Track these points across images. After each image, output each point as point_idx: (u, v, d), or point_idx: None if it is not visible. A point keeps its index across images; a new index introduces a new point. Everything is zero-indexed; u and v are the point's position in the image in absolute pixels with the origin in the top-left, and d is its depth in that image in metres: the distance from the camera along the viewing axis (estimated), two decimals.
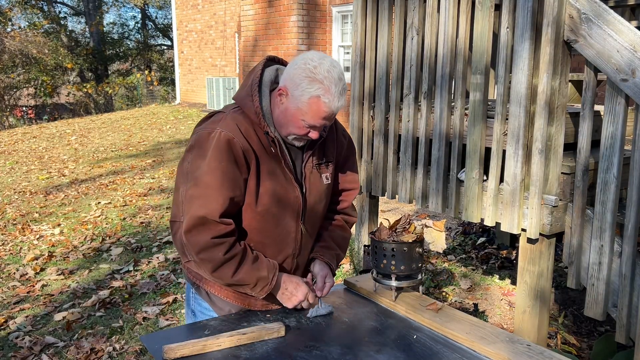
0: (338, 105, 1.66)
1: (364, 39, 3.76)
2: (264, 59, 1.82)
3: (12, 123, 20.00)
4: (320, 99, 1.64)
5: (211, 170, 1.65)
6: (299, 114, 1.67)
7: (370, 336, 1.70)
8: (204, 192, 1.65)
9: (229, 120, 1.71)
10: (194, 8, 15.90)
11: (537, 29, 2.71)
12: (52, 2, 26.71)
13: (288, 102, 1.68)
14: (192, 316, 1.96)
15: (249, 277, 1.72)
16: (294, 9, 9.36)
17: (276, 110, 1.74)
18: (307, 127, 1.70)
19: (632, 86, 2.38)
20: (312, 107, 1.65)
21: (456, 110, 3.17)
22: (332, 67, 1.66)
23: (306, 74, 1.64)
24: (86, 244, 5.61)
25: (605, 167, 2.53)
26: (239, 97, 1.77)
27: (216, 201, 1.65)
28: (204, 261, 1.68)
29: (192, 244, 1.67)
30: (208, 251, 1.66)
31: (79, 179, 8.84)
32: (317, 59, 1.66)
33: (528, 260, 2.90)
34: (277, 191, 1.76)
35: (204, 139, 1.70)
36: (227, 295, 1.86)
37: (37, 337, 3.63)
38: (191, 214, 1.65)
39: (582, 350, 3.24)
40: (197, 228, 1.65)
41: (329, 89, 1.63)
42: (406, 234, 1.88)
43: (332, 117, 1.70)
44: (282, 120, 1.72)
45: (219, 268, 1.69)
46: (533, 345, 1.62)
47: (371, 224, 4.04)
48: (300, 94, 1.65)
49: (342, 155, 1.98)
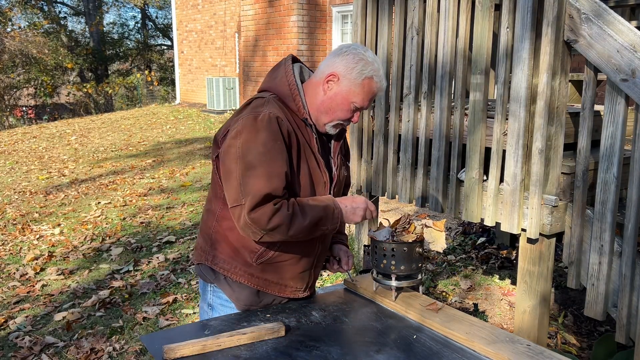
0: (384, 87, 1.85)
1: (364, 39, 3.76)
2: (289, 56, 1.93)
3: (12, 123, 20.00)
4: (374, 79, 1.80)
5: (267, 150, 1.70)
6: (350, 95, 1.80)
7: (370, 336, 1.70)
8: (265, 171, 1.69)
9: (272, 103, 1.79)
10: (194, 8, 15.90)
11: (537, 29, 2.71)
12: (52, 2, 26.71)
13: (339, 86, 1.80)
14: (209, 310, 1.95)
15: (317, 212, 1.75)
16: (294, 9, 9.36)
17: (319, 98, 1.83)
18: (354, 110, 1.83)
19: (632, 86, 2.38)
20: (365, 87, 1.79)
21: (456, 110, 3.17)
22: (374, 55, 1.85)
23: (359, 58, 1.78)
24: (86, 244, 5.61)
25: (605, 167, 2.53)
26: (272, 86, 1.85)
27: (278, 177, 1.70)
28: (274, 229, 1.70)
29: (258, 219, 1.68)
30: (274, 217, 1.68)
31: (79, 179, 8.84)
32: (362, 47, 1.84)
33: (528, 260, 2.90)
34: (310, 177, 1.83)
35: (252, 123, 1.73)
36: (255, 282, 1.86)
37: (37, 337, 3.63)
38: (254, 193, 1.68)
39: (582, 350, 3.24)
40: (260, 204, 1.68)
41: (378, 70, 1.81)
42: (406, 234, 1.88)
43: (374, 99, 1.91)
44: (328, 106, 1.82)
45: (291, 224, 1.71)
46: (533, 345, 1.62)
47: (371, 224, 4.04)
48: (355, 76, 1.78)
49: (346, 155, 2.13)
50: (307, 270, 1.93)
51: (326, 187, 1.87)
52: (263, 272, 1.86)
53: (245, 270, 1.86)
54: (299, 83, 1.85)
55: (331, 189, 1.90)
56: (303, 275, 1.92)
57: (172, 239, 5.51)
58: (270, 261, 1.84)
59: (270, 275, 1.87)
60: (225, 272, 1.87)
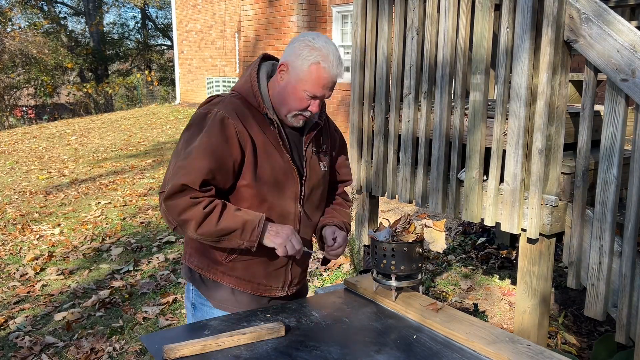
0: (337, 72, 1.76)
1: (364, 39, 3.76)
2: (261, 55, 1.91)
3: (12, 123, 19.99)
4: (320, 65, 1.73)
5: (200, 144, 1.72)
6: (300, 84, 1.75)
7: (370, 336, 1.70)
8: (189, 163, 1.71)
9: (226, 102, 1.79)
10: (194, 8, 15.90)
11: (537, 29, 2.71)
12: (52, 2, 26.71)
13: (289, 75, 1.77)
14: (192, 309, 1.97)
15: (235, 223, 1.72)
16: (294, 9, 9.35)
17: (276, 89, 1.82)
18: (308, 98, 1.78)
19: (632, 86, 2.38)
20: (312, 74, 1.74)
21: (456, 110, 3.17)
22: (328, 40, 1.79)
23: (305, 44, 1.75)
24: (86, 244, 5.61)
25: (605, 167, 2.53)
26: (237, 85, 1.86)
27: (199, 171, 1.70)
28: (186, 221, 1.70)
29: (172, 208, 1.70)
30: (188, 210, 1.69)
31: (79, 179, 8.84)
32: (314, 34, 1.79)
33: (528, 260, 2.90)
34: (276, 172, 1.81)
35: (200, 119, 1.77)
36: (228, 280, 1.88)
37: (37, 337, 3.63)
38: (173, 183, 1.70)
39: (582, 350, 3.24)
40: (177, 194, 1.69)
41: (327, 55, 1.74)
42: (406, 234, 1.88)
43: (331, 86, 1.78)
44: (283, 96, 1.80)
45: (202, 222, 1.70)
46: (533, 345, 1.62)
47: (371, 224, 4.04)
48: (301, 63, 1.74)
49: (335, 148, 2.07)
50: (282, 268, 1.92)
51: (296, 182, 1.85)
52: (234, 270, 1.87)
53: (217, 269, 1.88)
54: (262, 79, 1.84)
55: (302, 184, 1.87)
56: (277, 273, 1.91)
57: (172, 239, 5.51)
58: (240, 259, 1.86)
59: (242, 273, 1.88)
60: (199, 270, 1.90)
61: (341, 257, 4.77)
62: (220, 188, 1.77)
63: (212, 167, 1.71)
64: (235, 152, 1.74)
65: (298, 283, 2.01)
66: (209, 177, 1.71)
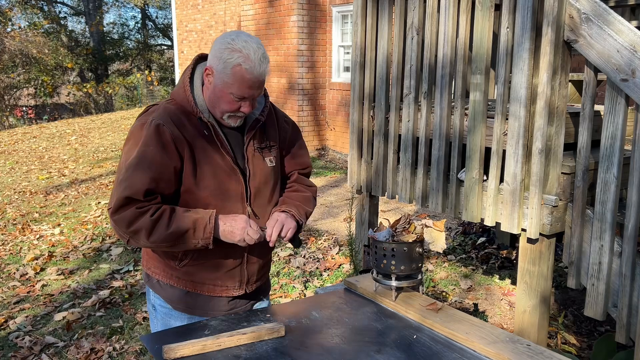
0: (260, 71, 1.73)
1: (364, 39, 3.76)
2: (196, 57, 1.90)
3: (12, 123, 19.98)
4: (242, 66, 1.70)
5: (138, 155, 1.71)
6: (226, 87, 1.74)
7: (370, 336, 1.70)
8: (130, 176, 1.70)
9: (161, 110, 1.79)
10: (194, 8, 15.89)
11: (537, 29, 2.71)
12: (52, 2, 26.69)
13: (215, 79, 1.76)
14: (154, 311, 1.99)
15: (185, 223, 1.72)
16: (294, 9, 9.35)
17: (207, 93, 1.80)
18: (237, 100, 1.76)
19: (632, 86, 2.38)
20: (236, 76, 1.71)
21: (456, 110, 3.17)
22: (249, 37, 1.74)
23: (225, 47, 1.72)
24: (86, 243, 5.61)
25: (605, 167, 2.53)
26: (173, 91, 1.86)
27: (140, 181, 1.69)
28: (136, 232, 1.70)
29: (120, 222, 1.70)
30: (136, 221, 1.69)
31: (79, 179, 8.84)
32: (234, 34, 1.75)
33: (528, 260, 2.90)
34: (217, 174, 1.80)
35: (137, 131, 1.77)
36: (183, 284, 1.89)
37: (37, 337, 3.63)
38: (117, 197, 1.70)
39: (582, 350, 3.24)
40: (122, 207, 1.69)
41: (248, 56, 1.70)
42: (406, 234, 1.88)
43: (258, 85, 1.76)
44: (213, 100, 1.79)
45: (152, 230, 1.69)
46: (533, 345, 1.62)
47: (371, 224, 4.04)
48: (223, 66, 1.72)
49: (287, 140, 2.04)
50: (236, 268, 1.92)
51: (240, 182, 1.84)
52: (188, 274, 1.88)
53: (172, 273, 1.89)
54: (196, 83, 1.83)
55: (247, 183, 1.86)
56: (232, 273, 1.91)
57: None
58: (192, 263, 1.86)
59: (196, 277, 1.88)
60: (156, 276, 1.92)
61: (341, 257, 4.78)
62: (167, 195, 1.77)
63: (153, 177, 1.71)
64: (175, 158, 1.74)
65: (257, 280, 2.00)
66: (152, 186, 1.71)
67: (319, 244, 5.24)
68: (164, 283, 1.92)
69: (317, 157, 9.65)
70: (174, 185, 1.77)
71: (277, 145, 1.98)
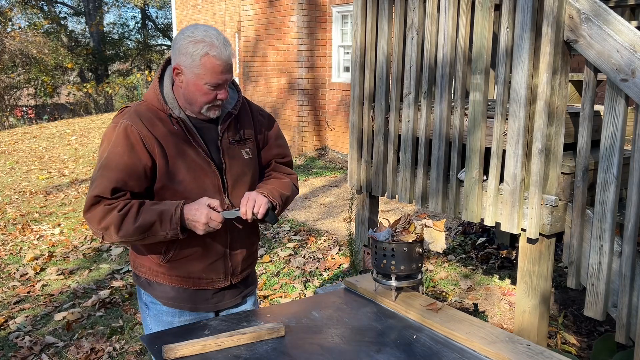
0: (227, 54, 1.77)
1: (364, 39, 3.76)
2: (166, 58, 1.94)
3: (12, 123, 19.97)
4: (209, 54, 1.74)
5: (108, 156, 1.78)
6: (199, 79, 1.77)
7: (370, 336, 1.70)
8: (100, 176, 1.77)
9: (132, 111, 1.84)
10: (194, 8, 15.90)
11: (537, 29, 2.71)
12: (52, 2, 26.69)
13: (185, 76, 1.79)
14: (146, 309, 2.02)
15: (151, 215, 1.76)
16: (294, 9, 9.35)
17: (180, 92, 1.84)
18: (213, 89, 1.79)
19: (632, 86, 2.38)
20: (206, 66, 1.75)
21: (456, 110, 3.17)
22: (206, 27, 1.79)
23: (188, 41, 1.76)
24: (86, 243, 5.61)
25: (605, 167, 2.53)
26: (146, 94, 1.91)
27: (108, 180, 1.76)
28: (106, 228, 1.75)
29: (91, 219, 1.77)
30: (105, 217, 1.74)
31: (79, 179, 8.84)
32: (191, 27, 1.79)
33: (528, 260, 2.90)
34: (192, 169, 1.84)
35: (110, 133, 1.82)
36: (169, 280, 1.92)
37: (37, 337, 3.63)
38: (88, 196, 1.77)
39: (582, 350, 3.24)
40: (93, 206, 1.76)
41: (212, 43, 1.75)
42: (406, 233, 1.88)
43: (228, 70, 1.79)
44: (189, 97, 1.82)
45: (120, 225, 1.74)
46: (533, 345, 1.62)
47: (371, 224, 4.04)
48: (191, 60, 1.75)
49: (262, 132, 2.06)
50: (220, 260, 1.94)
51: (216, 175, 1.87)
52: (173, 269, 1.91)
53: (158, 270, 1.92)
54: (165, 82, 1.88)
55: (224, 175, 1.88)
56: (215, 266, 1.93)
57: None
58: (176, 258, 1.89)
59: (180, 271, 1.91)
60: (144, 275, 1.96)
61: (341, 257, 4.78)
62: (138, 193, 1.81)
63: (120, 176, 1.76)
64: (144, 157, 1.78)
65: (242, 271, 2.02)
66: (119, 184, 1.76)
67: (319, 244, 5.24)
68: (151, 281, 1.95)
69: (317, 157, 9.65)
70: (144, 183, 1.81)
71: (253, 138, 2.01)
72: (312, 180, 8.00)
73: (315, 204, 6.73)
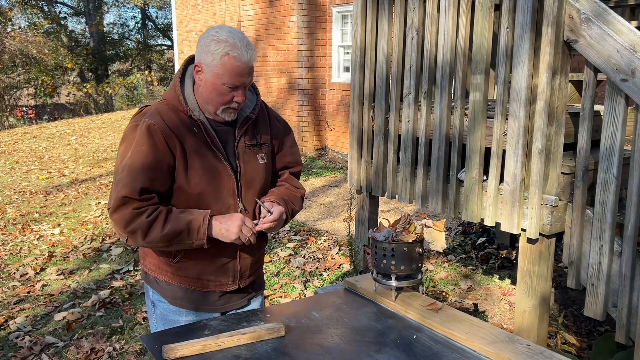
0: (248, 57, 1.77)
1: (364, 39, 3.76)
2: (187, 58, 1.93)
3: (12, 123, 19.97)
4: (230, 54, 1.74)
5: (132, 155, 1.76)
6: (218, 79, 1.77)
7: (370, 336, 1.70)
8: (127, 175, 1.75)
9: (153, 110, 1.83)
10: (194, 8, 15.90)
11: (537, 29, 2.71)
12: (52, 2, 26.69)
13: (205, 74, 1.79)
14: (153, 307, 2.02)
15: (179, 225, 1.76)
16: (294, 9, 9.35)
17: (199, 91, 1.84)
18: (230, 90, 1.79)
19: (632, 86, 2.38)
20: (226, 66, 1.75)
21: (456, 110, 3.17)
22: (232, 29, 1.80)
23: (211, 40, 1.76)
24: (86, 243, 5.61)
25: (605, 167, 2.53)
26: (165, 93, 1.90)
27: (135, 180, 1.74)
28: (133, 232, 1.74)
29: (118, 222, 1.75)
30: (133, 221, 1.73)
31: (79, 179, 8.84)
32: (217, 27, 1.80)
33: (528, 260, 2.90)
34: (208, 170, 1.84)
35: (131, 132, 1.81)
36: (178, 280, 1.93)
37: (37, 337, 3.63)
38: (115, 197, 1.75)
39: (582, 350, 3.24)
40: (120, 207, 1.74)
41: (234, 44, 1.75)
42: (406, 233, 1.88)
43: (248, 73, 1.79)
44: (206, 95, 1.82)
45: (148, 231, 1.74)
46: (533, 345, 1.62)
47: (371, 224, 4.04)
48: (212, 58, 1.75)
49: (278, 138, 2.06)
50: (229, 263, 1.94)
51: (231, 178, 1.87)
52: (182, 269, 1.91)
53: (167, 270, 1.92)
54: (186, 82, 1.87)
55: (238, 179, 1.89)
56: (225, 269, 1.94)
57: None
58: (186, 259, 1.89)
59: (190, 272, 1.92)
60: (152, 273, 1.96)
61: (341, 257, 4.77)
62: (162, 193, 1.81)
63: (148, 176, 1.75)
64: (167, 156, 1.78)
65: (250, 275, 2.02)
66: (147, 184, 1.75)
67: (319, 244, 5.24)
68: (160, 280, 1.95)
69: (317, 157, 9.65)
70: (168, 183, 1.81)
71: (269, 143, 2.01)
72: (312, 180, 8.00)
73: (315, 204, 6.73)
